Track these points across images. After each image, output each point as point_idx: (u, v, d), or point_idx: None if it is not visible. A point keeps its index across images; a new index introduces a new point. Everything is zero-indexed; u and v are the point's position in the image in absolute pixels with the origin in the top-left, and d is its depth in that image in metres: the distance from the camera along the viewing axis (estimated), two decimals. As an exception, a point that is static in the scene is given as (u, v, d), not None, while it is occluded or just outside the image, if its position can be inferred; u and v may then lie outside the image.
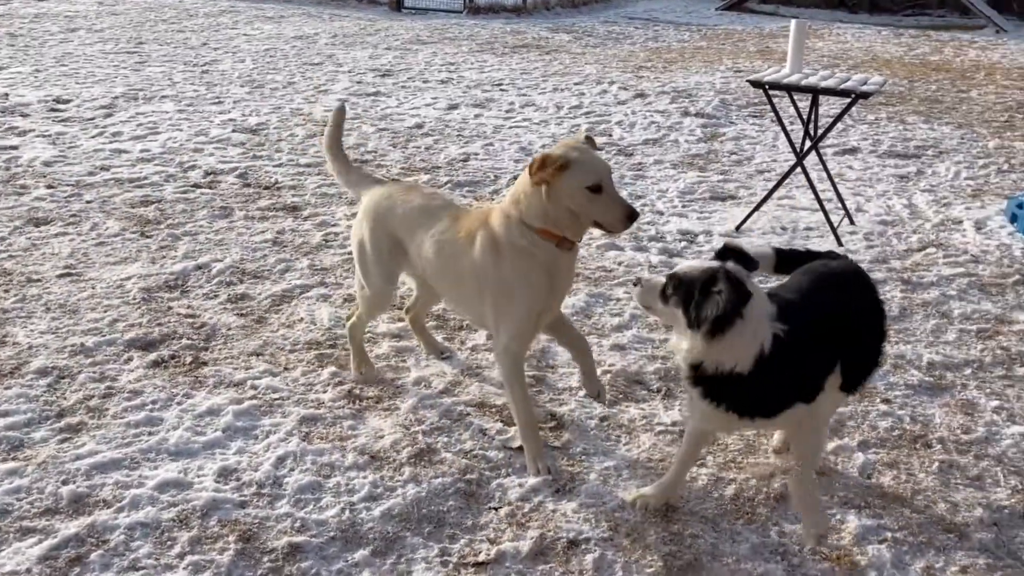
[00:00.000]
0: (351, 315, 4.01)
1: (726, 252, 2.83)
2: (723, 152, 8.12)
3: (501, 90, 10.30)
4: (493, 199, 6.46)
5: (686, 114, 9.40)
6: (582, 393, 3.87)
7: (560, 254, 3.29)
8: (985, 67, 13.36)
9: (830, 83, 5.65)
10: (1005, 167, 7.86)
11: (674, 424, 3.71)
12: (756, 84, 5.74)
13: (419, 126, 8.52)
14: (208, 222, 5.83)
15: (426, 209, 3.60)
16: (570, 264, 3.42)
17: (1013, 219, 6.28)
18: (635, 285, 2.93)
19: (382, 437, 3.52)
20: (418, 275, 3.76)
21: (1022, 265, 5.57)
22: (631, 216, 3.20)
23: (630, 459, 3.47)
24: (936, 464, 3.52)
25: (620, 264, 5.35)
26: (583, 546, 2.98)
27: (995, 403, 3.99)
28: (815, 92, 5.68)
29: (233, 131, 8.09)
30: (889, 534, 3.11)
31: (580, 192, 3.14)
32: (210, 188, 6.54)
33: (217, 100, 9.30)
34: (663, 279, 2.83)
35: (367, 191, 3.80)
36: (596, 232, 4.18)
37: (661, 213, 6.38)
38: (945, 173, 7.62)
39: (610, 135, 8.48)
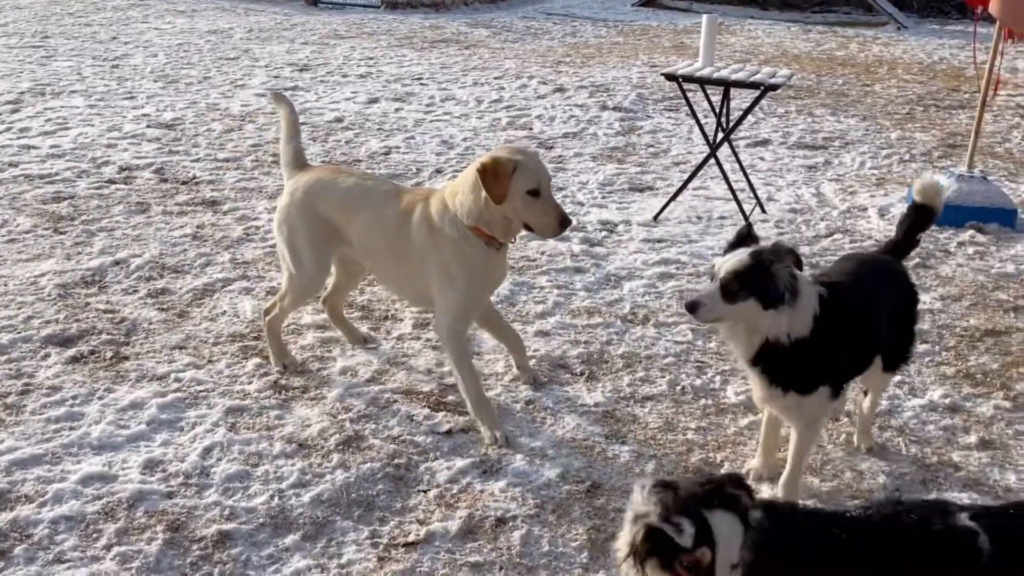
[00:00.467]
0: (270, 308, 3.99)
1: (747, 236, 2.97)
2: (641, 145, 8.30)
3: (421, 84, 10.31)
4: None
5: (604, 108, 9.56)
6: (508, 378, 3.96)
7: (490, 251, 3.41)
8: (887, 62, 13.90)
9: (740, 76, 5.85)
10: (906, 156, 8.22)
11: (596, 405, 3.82)
12: (670, 77, 5.91)
13: (339, 120, 8.50)
14: (124, 218, 5.73)
15: (364, 188, 3.66)
16: (501, 260, 3.53)
17: (913, 206, 6.59)
18: (694, 311, 2.89)
19: (309, 426, 3.54)
20: (348, 258, 3.80)
21: (922, 249, 5.85)
22: (564, 223, 3.31)
23: (555, 439, 3.56)
24: (844, 436, 3.70)
25: (543, 254, 5.46)
26: (510, 523, 3.06)
27: (897, 378, 4.21)
28: (726, 85, 5.87)
29: (147, 126, 7.94)
30: (800, 502, 3.26)
31: (519, 196, 3.23)
32: (125, 184, 6.42)
33: (129, 95, 9.11)
34: (715, 286, 2.86)
35: (292, 176, 3.81)
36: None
37: (582, 204, 6.51)
38: (851, 163, 7.93)
39: (530, 128, 8.59)
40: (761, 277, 2.82)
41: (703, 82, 5.92)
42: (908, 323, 3.47)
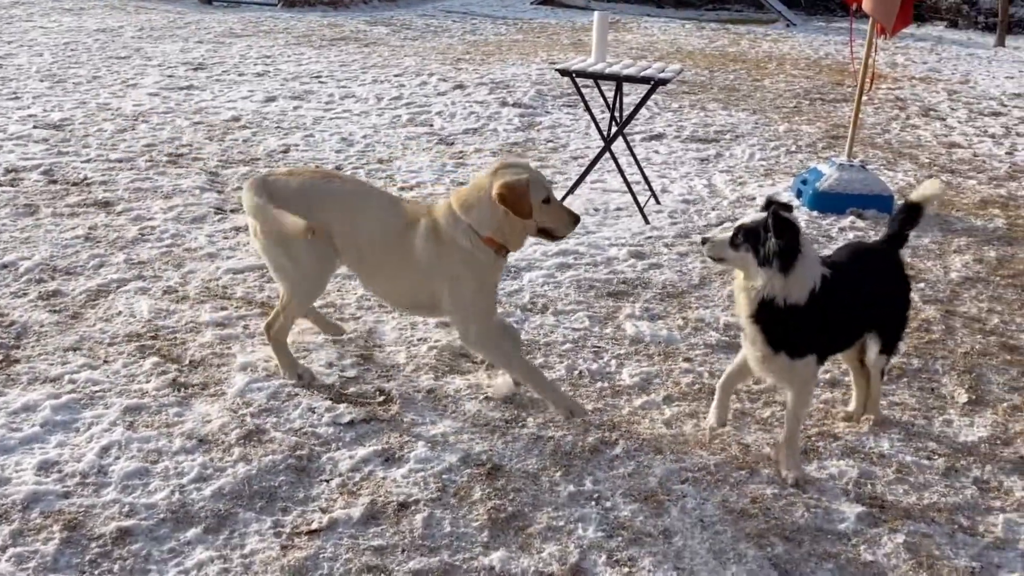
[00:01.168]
0: (271, 322, 3.87)
1: (771, 203, 3.29)
2: (540, 140, 8.45)
3: (320, 82, 10.26)
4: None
5: (504, 104, 9.69)
6: (409, 369, 4.03)
7: (498, 259, 3.65)
8: (776, 58, 14.42)
9: (631, 71, 6.03)
10: (793, 148, 8.58)
11: (497, 391, 3.91)
12: (564, 72, 6.05)
13: (236, 119, 8.39)
14: (12, 220, 5.57)
15: (360, 195, 3.75)
16: (501, 267, 3.77)
17: (799, 194, 6.91)
18: (703, 244, 3.38)
19: (210, 421, 3.54)
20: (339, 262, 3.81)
21: (806, 234, 6.14)
22: (576, 221, 3.65)
23: (457, 426, 3.65)
24: (731, 412, 3.88)
25: (442, 247, 5.53)
26: (413, 507, 3.14)
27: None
28: (618, 80, 6.05)
29: (34, 127, 7.71)
30: (689, 475, 3.43)
31: (537, 206, 3.51)
32: (12, 186, 6.23)
33: (14, 95, 8.81)
34: (728, 233, 3.27)
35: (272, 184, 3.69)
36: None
37: (481, 198, 6.60)
38: (741, 155, 8.25)
39: (431, 125, 8.65)
40: (763, 235, 3.18)
41: (596, 77, 6.08)
42: (901, 309, 3.81)
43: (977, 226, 6.52)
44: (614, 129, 6.41)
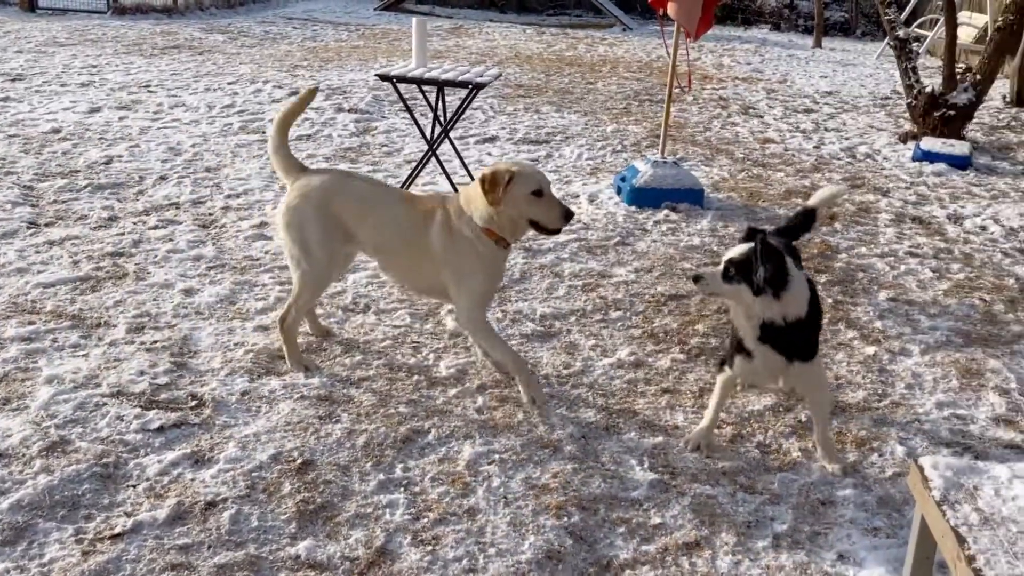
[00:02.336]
0: (285, 315, 4.14)
1: (754, 232, 3.47)
2: (375, 145, 8.54)
3: (149, 92, 10.02)
4: (139, 200, 6.37)
5: (340, 110, 9.73)
6: (223, 373, 4.07)
7: (497, 251, 3.94)
8: (611, 61, 14.98)
9: (451, 76, 6.22)
10: (619, 147, 8.98)
11: (313, 390, 4.00)
12: (384, 78, 6.18)
13: (56, 131, 8.11)
14: None
15: (376, 192, 4.11)
16: (504, 260, 4.08)
17: (618, 190, 7.27)
18: (696, 282, 3.50)
19: (10, 436, 3.48)
20: (361, 252, 4.24)
21: (623, 229, 6.49)
22: (567, 215, 3.86)
23: (270, 425, 3.71)
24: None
25: (267, 252, 5.56)
26: (220, 505, 3.19)
27: (592, 342, 4.70)
28: (439, 84, 6.22)
29: None
30: (497, 456, 3.62)
31: (524, 198, 3.77)
32: None
33: None
34: (720, 268, 3.43)
35: (302, 177, 4.08)
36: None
37: (311, 203, 6.64)
38: (570, 155, 8.58)
39: (263, 132, 8.59)
40: (751, 269, 3.34)
41: (416, 82, 6.24)
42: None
43: (780, 215, 7.02)
44: (440, 133, 6.58)
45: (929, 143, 9.19)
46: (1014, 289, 5.72)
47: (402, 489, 3.38)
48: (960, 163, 8.86)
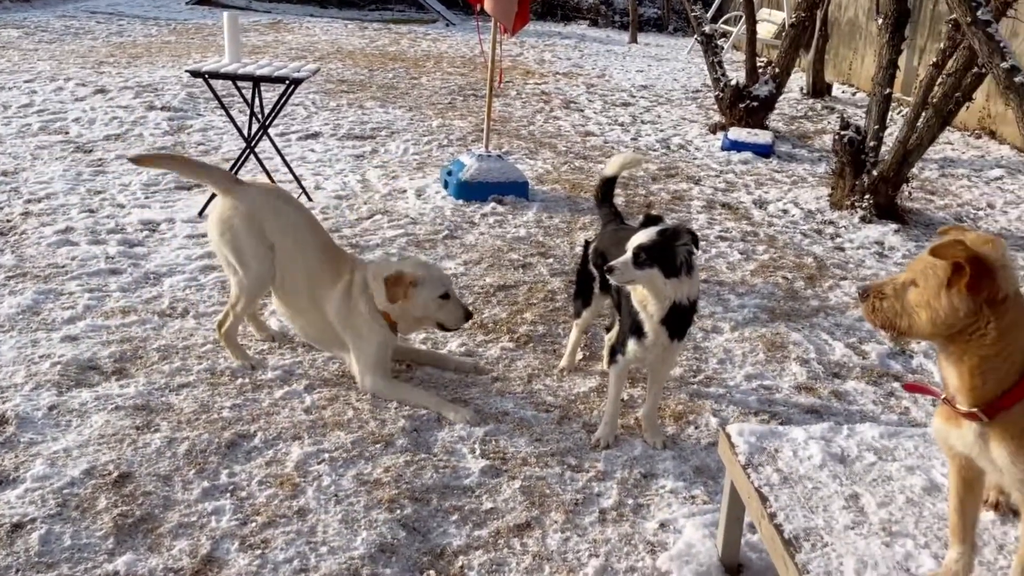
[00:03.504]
0: (223, 320, 4.20)
1: (654, 218, 3.63)
2: (191, 143, 8.22)
3: (-66, 91, 9.24)
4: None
5: (151, 108, 9.30)
6: (28, 388, 3.83)
7: (389, 333, 4.08)
8: (434, 56, 15.02)
9: (266, 71, 6.07)
10: (445, 142, 9.03)
11: (128, 400, 3.82)
12: (195, 74, 5.96)
13: None
14: None
15: (302, 229, 4.13)
16: (396, 340, 4.18)
17: (445, 184, 7.31)
18: (610, 273, 3.51)
19: None
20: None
21: (451, 222, 6.54)
22: (468, 317, 4.10)
23: (83, 439, 3.52)
24: (369, 395, 4.08)
25: (73, 259, 5.26)
26: (28, 526, 3.00)
27: (422, 336, 4.71)
28: (254, 80, 6.05)
29: None
30: (327, 455, 3.57)
31: (433, 302, 4.00)
32: None
33: None
34: (628, 256, 3.46)
35: (235, 189, 4.10)
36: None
37: (122, 206, 6.33)
38: (396, 151, 8.55)
39: (67, 133, 8.11)
40: (663, 251, 3.43)
41: (230, 78, 6.05)
42: None
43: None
44: (258, 129, 6.41)
45: (736, 133, 9.75)
46: (812, 267, 6.16)
47: (228, 495, 3.29)
48: (764, 151, 9.45)
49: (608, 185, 4.52)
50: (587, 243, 4.38)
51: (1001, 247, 1.93)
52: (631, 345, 3.71)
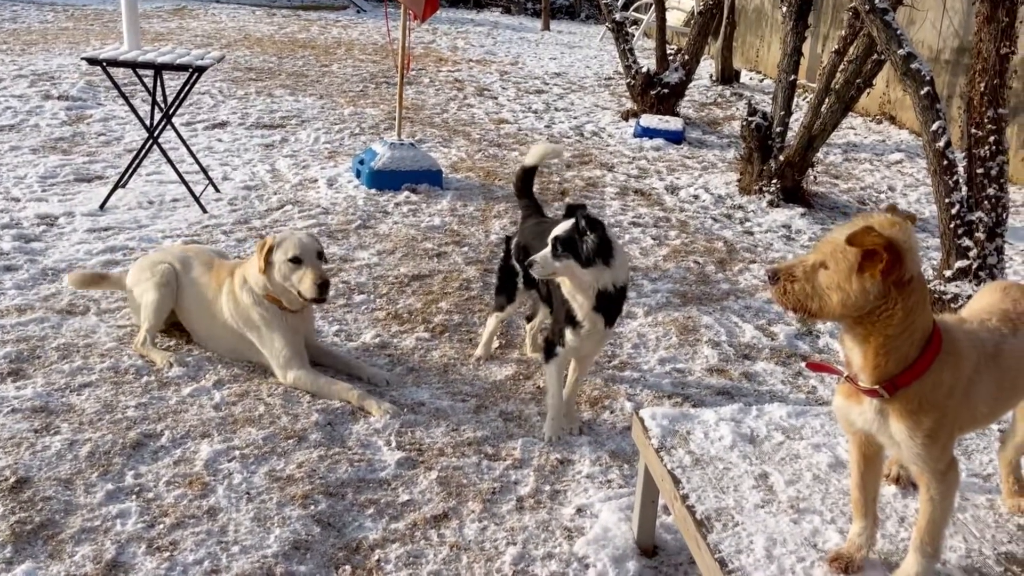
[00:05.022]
0: (138, 340, 4.20)
1: (573, 208, 3.61)
2: (91, 134, 7.92)
3: None
4: None
5: (48, 97, 8.94)
6: None
7: (283, 314, 4.08)
8: (346, 43, 14.80)
9: (168, 58, 5.87)
10: (357, 130, 8.91)
11: (25, 402, 3.66)
12: (92, 61, 5.73)
13: None
14: None
15: (189, 259, 4.33)
16: (300, 321, 4.16)
17: (358, 174, 7.21)
18: (530, 267, 3.54)
19: None
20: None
21: (363, 211, 6.46)
22: (323, 285, 3.95)
23: (-24, 445, 3.36)
24: (280, 389, 3.99)
25: (-35, 256, 5.02)
26: (-83, 539, 2.85)
27: (336, 327, 4.65)
28: (156, 68, 5.85)
29: None
30: (237, 452, 3.49)
31: (284, 264, 3.96)
32: None
33: None
34: (547, 250, 3.50)
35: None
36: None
37: (17, 200, 6.07)
38: (306, 139, 8.40)
39: (-44, 124, 7.73)
40: (576, 243, 3.46)
41: (129, 66, 5.83)
42: None
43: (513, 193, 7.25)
44: (160, 118, 6.20)
45: (648, 120, 9.86)
46: (723, 251, 6.28)
47: (134, 497, 3.18)
48: (675, 138, 9.58)
49: (528, 176, 4.48)
50: (508, 238, 4.35)
51: (907, 230, 1.97)
52: (568, 336, 3.69)
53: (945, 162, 5.16)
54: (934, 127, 5.17)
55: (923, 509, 2.12)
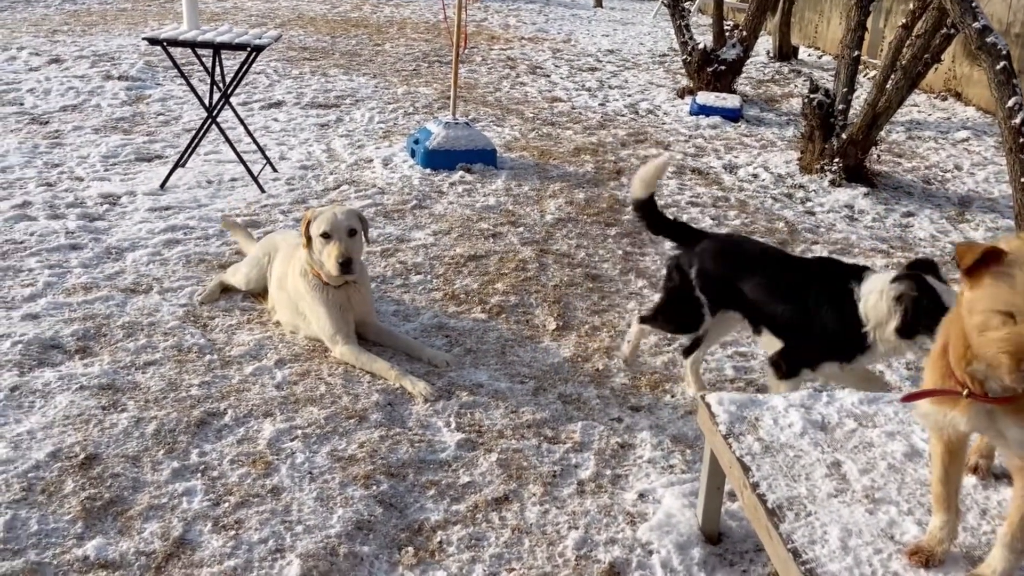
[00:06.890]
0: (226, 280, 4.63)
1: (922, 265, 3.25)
2: (150, 114, 8.01)
3: None
4: None
5: (108, 78, 9.05)
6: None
7: (326, 288, 4.15)
8: (398, 22, 14.78)
9: (226, 38, 5.89)
10: (411, 110, 8.89)
11: (93, 379, 3.71)
12: (153, 41, 5.77)
13: None
14: None
15: (275, 243, 4.61)
16: (347, 294, 4.19)
17: (412, 153, 7.19)
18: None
19: None
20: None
21: (419, 192, 6.44)
22: (344, 264, 4.00)
23: (47, 421, 3.42)
24: (341, 369, 4.01)
25: (32, 234, 5.11)
26: (-11, 515, 2.91)
27: (393, 308, 4.64)
28: (214, 47, 5.88)
29: None
30: (300, 431, 3.50)
31: (317, 239, 4.06)
32: None
33: None
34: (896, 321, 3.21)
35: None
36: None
37: (81, 179, 6.16)
38: (361, 119, 8.40)
39: (21, 104, 7.87)
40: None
41: (191, 46, 5.87)
42: None
43: (570, 172, 7.19)
44: (219, 99, 6.24)
45: (704, 97, 9.69)
46: (784, 232, 6.15)
47: (199, 475, 3.21)
48: (732, 115, 9.40)
49: (645, 208, 3.91)
50: (675, 260, 3.86)
51: None
52: (830, 368, 3.52)
53: (1022, 140, 4.98)
54: (1010, 103, 4.99)
55: (1016, 504, 2.03)
